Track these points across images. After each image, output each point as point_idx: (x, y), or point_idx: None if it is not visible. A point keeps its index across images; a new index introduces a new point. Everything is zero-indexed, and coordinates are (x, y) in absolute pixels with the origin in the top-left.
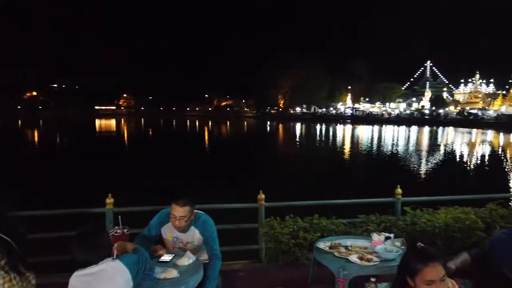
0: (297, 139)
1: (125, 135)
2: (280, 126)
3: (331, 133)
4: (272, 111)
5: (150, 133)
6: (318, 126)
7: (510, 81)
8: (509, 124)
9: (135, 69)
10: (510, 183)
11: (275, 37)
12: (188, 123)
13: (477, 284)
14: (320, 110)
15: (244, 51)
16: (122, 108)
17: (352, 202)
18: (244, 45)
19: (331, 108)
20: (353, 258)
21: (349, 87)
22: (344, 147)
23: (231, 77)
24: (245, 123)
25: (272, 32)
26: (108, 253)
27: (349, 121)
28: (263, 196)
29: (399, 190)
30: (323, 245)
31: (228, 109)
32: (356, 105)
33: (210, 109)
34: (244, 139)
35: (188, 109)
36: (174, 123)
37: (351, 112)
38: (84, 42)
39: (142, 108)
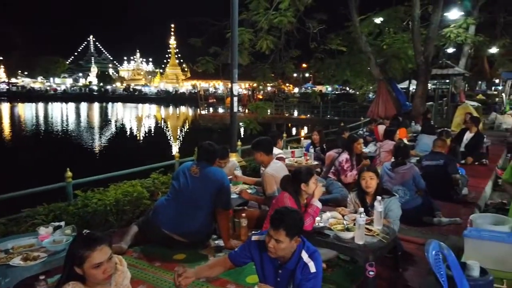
0: None
1: None
2: None
3: None
4: None
5: None
6: None
7: (165, 61)
8: (167, 99)
9: None
10: (171, 151)
11: None
12: None
13: (143, 250)
14: None
15: None
16: None
17: (12, 195)
18: None
19: None
20: (16, 261)
21: (1, 58)
22: (3, 129)
23: None
24: None
25: None
26: None
27: (5, 98)
28: None
29: (69, 173)
30: None
31: None
32: (14, 80)
33: None
34: None
35: None
36: None
37: (7, 87)
38: None
39: None
